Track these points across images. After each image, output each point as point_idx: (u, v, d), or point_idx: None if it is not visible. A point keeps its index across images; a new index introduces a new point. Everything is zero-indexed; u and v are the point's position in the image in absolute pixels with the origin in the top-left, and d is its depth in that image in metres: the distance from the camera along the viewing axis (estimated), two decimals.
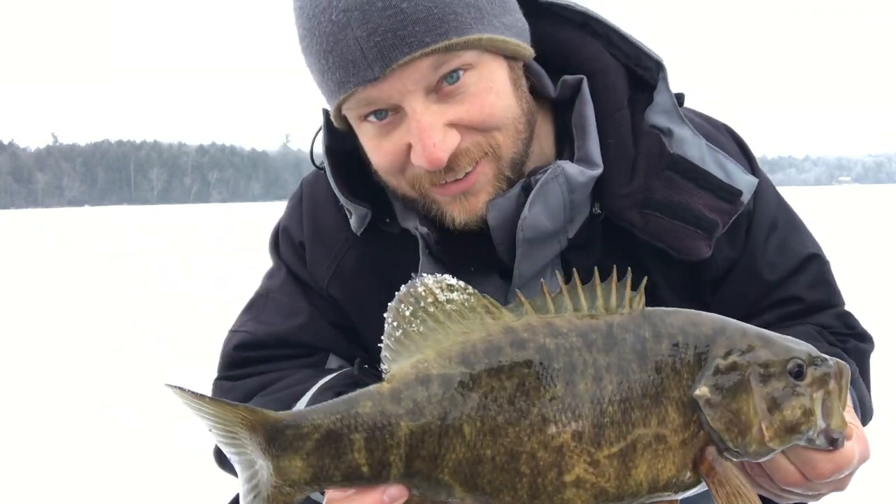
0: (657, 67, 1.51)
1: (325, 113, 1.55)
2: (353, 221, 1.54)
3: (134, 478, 4.41)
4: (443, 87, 1.31)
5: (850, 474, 1.18)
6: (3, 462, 4.74)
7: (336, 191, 1.53)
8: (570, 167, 1.41)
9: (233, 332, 1.66)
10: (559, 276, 1.24)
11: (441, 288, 1.09)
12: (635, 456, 1.06)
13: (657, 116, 1.48)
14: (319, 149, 1.61)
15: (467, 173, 1.37)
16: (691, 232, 1.43)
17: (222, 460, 1.54)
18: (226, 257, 17.88)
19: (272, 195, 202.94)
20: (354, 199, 1.50)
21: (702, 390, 1.08)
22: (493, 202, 1.40)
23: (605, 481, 1.06)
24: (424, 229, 1.45)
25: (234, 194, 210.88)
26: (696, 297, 1.48)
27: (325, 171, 1.61)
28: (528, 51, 1.43)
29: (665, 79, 1.50)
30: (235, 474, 1.60)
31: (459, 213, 1.40)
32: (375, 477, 1.07)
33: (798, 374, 1.11)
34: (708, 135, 1.53)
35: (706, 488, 1.11)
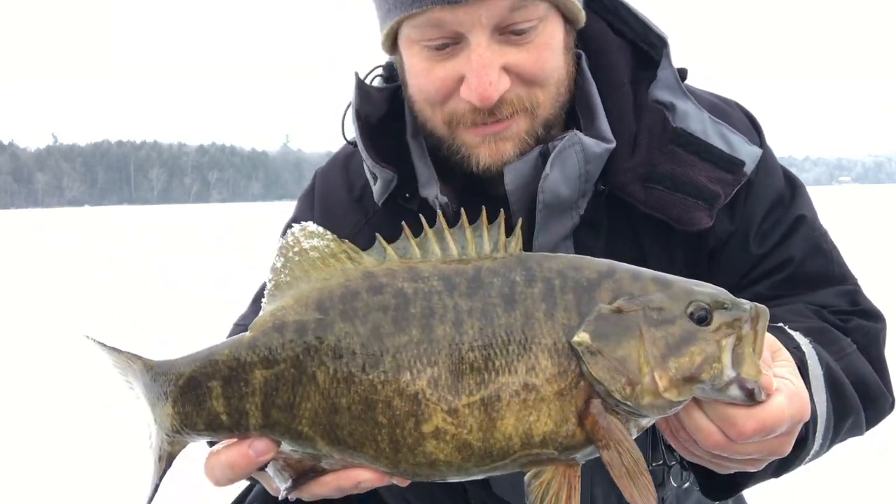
0: (661, 44, 1.52)
1: (357, 76, 1.56)
2: (377, 188, 1.54)
3: (134, 478, 4.40)
4: (509, 31, 1.34)
5: (788, 435, 1.09)
6: (3, 462, 4.74)
7: (363, 153, 1.53)
8: (586, 138, 1.42)
9: (236, 325, 1.68)
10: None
11: (305, 236, 1.07)
12: (500, 406, 0.99)
13: (661, 92, 1.50)
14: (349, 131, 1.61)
15: (501, 120, 1.39)
16: (692, 203, 1.43)
17: None
18: (226, 257, 17.86)
19: (272, 195, 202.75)
20: (381, 163, 1.50)
21: (580, 336, 0.99)
22: (510, 166, 1.41)
23: (468, 433, 1.00)
24: (444, 198, 1.46)
25: (234, 194, 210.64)
26: (696, 272, 1.45)
27: (353, 145, 1.62)
28: (584, 17, 1.47)
29: (668, 55, 1.52)
30: None
31: (486, 155, 1.41)
32: (235, 426, 1.06)
33: (701, 318, 1.00)
34: (713, 108, 1.54)
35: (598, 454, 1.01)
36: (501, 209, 1.08)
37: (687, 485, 1.58)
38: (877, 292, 1.57)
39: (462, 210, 1.07)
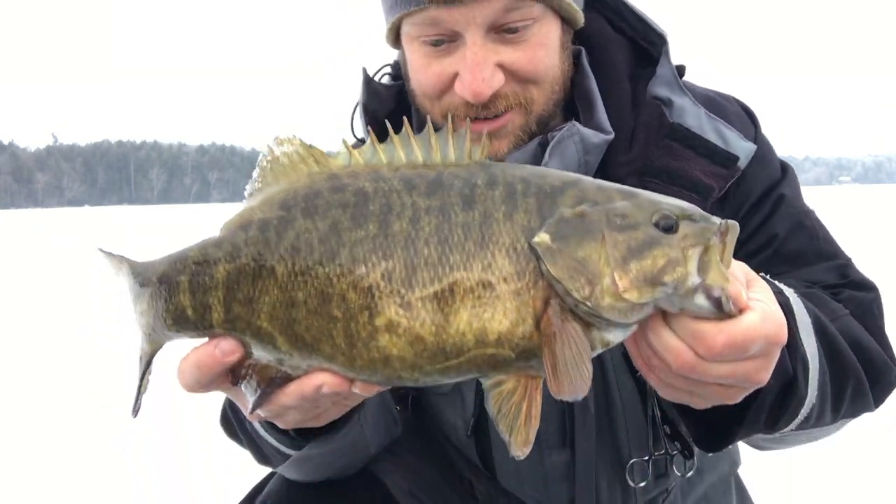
0: (661, 42, 1.57)
1: (365, 72, 1.61)
2: None
3: (134, 478, 4.40)
4: (503, 30, 1.38)
5: (761, 360, 1.05)
6: (3, 462, 4.74)
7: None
8: (585, 129, 1.46)
9: None
10: None
11: (277, 144, 1.10)
12: (454, 301, 0.99)
13: (659, 88, 1.54)
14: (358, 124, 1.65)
15: (497, 116, 1.43)
16: (686, 196, 1.45)
17: (230, 429, 1.56)
18: None
19: None
20: None
21: (541, 237, 0.99)
22: (510, 156, 1.45)
23: (420, 326, 1.00)
24: None
25: (234, 194, 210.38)
26: None
27: (361, 142, 1.65)
28: (582, 18, 1.50)
29: (667, 53, 1.56)
30: (240, 443, 1.62)
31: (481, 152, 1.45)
32: (199, 320, 1.09)
33: (668, 227, 1.00)
34: (710, 103, 1.58)
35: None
36: (468, 118, 1.11)
37: (691, 473, 1.59)
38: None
39: (428, 118, 1.09)
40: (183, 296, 1.09)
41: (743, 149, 1.52)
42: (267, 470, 1.65)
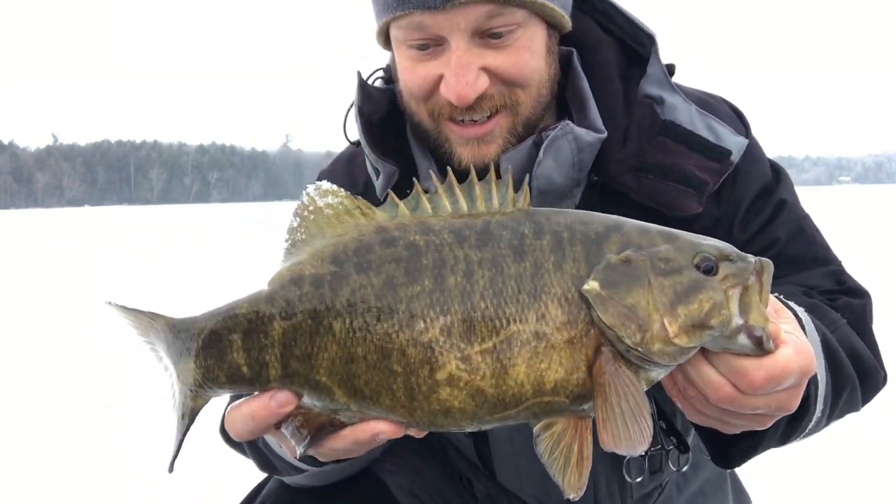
0: (650, 42, 1.59)
1: (359, 75, 1.63)
2: (379, 183, 1.59)
3: (134, 478, 4.40)
4: (487, 34, 1.40)
5: (795, 389, 1.10)
6: (3, 462, 4.74)
7: (366, 149, 1.58)
8: (578, 128, 1.48)
9: None
10: None
11: (319, 194, 1.10)
12: (511, 353, 1.02)
13: (650, 87, 1.56)
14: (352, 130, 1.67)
15: (485, 120, 1.45)
16: (682, 191, 1.49)
17: (229, 439, 1.57)
18: (226, 257, 17.87)
19: (272, 195, 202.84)
20: (383, 157, 1.56)
21: (590, 285, 1.02)
22: (505, 155, 1.47)
23: (481, 379, 1.02)
24: None
25: (234, 194, 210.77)
26: None
27: (355, 145, 1.69)
28: (568, 24, 1.52)
29: (657, 52, 1.59)
30: (243, 452, 1.63)
31: (468, 156, 1.47)
32: (256, 377, 1.08)
33: (708, 269, 1.03)
34: (700, 102, 1.60)
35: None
36: (509, 166, 1.13)
37: (686, 468, 1.62)
38: (876, 292, 1.59)
39: (472, 167, 1.11)
40: (237, 354, 1.08)
41: (735, 143, 1.54)
42: None
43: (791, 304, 1.34)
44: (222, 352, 1.08)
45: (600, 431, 1.01)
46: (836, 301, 1.49)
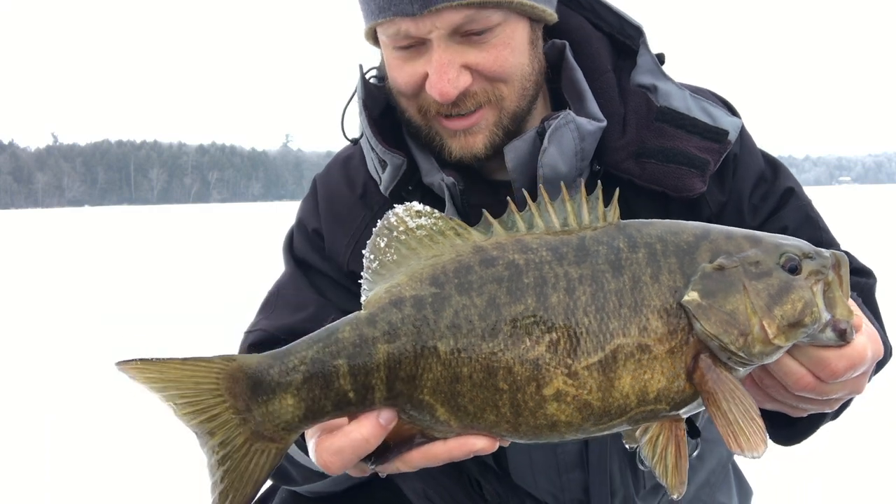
0: (637, 34, 1.63)
1: (361, 69, 1.66)
2: (385, 176, 1.60)
3: (134, 478, 4.41)
4: (469, 33, 1.44)
5: (865, 374, 1.16)
6: (3, 462, 4.74)
7: (372, 140, 1.61)
8: (579, 118, 1.52)
9: (247, 332, 1.70)
10: None
11: (410, 215, 1.10)
12: (616, 366, 1.04)
13: (642, 76, 1.61)
14: (347, 129, 1.72)
15: (470, 112, 1.49)
16: (686, 171, 1.53)
17: None
18: (226, 257, 17.87)
19: (272, 195, 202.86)
20: (390, 149, 1.58)
21: (690, 296, 1.05)
22: (508, 146, 1.51)
23: (588, 394, 1.04)
24: (450, 179, 1.55)
25: (234, 194, 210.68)
26: None
27: (353, 142, 1.73)
28: (552, 16, 1.56)
29: (645, 42, 1.63)
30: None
31: (457, 147, 1.53)
32: (361, 402, 1.07)
33: (793, 268, 1.07)
34: (691, 89, 1.65)
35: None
36: (599, 181, 1.14)
37: (695, 454, 1.64)
38: (877, 292, 1.63)
39: (562, 183, 1.14)
40: (343, 380, 1.06)
41: (731, 123, 1.59)
42: None
43: None
44: (329, 380, 1.05)
45: (727, 440, 1.03)
46: None
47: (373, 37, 1.58)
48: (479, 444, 1.08)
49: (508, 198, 1.14)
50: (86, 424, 5.40)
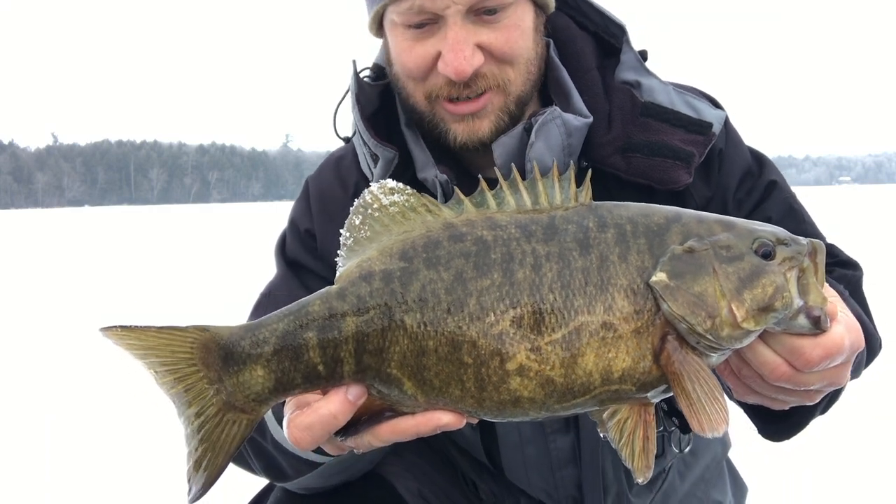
0: (621, 32, 1.66)
1: (354, 65, 1.67)
2: (377, 170, 1.62)
3: (134, 478, 4.41)
4: (482, 11, 1.47)
5: (845, 365, 1.14)
6: (3, 462, 4.74)
7: (365, 134, 1.62)
8: (565, 114, 1.54)
9: None
10: None
11: (384, 192, 1.11)
12: (580, 343, 1.04)
13: (626, 73, 1.64)
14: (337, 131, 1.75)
15: (478, 96, 1.51)
16: (671, 164, 1.55)
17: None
18: (226, 257, 17.87)
19: (272, 195, 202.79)
20: (382, 143, 1.59)
21: (658, 276, 1.05)
22: (496, 142, 1.52)
23: (550, 369, 1.04)
24: (444, 177, 1.56)
25: (234, 194, 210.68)
26: None
27: (346, 141, 1.75)
28: (552, 4, 1.60)
29: (628, 41, 1.66)
30: (237, 461, 1.61)
31: (462, 132, 1.54)
32: (330, 375, 1.08)
33: (766, 254, 1.07)
34: (675, 85, 1.68)
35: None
36: (571, 162, 1.15)
37: (688, 449, 1.64)
38: (877, 292, 1.63)
39: (534, 163, 1.14)
40: (313, 352, 1.07)
41: (714, 115, 1.60)
42: None
43: None
44: (298, 352, 1.07)
45: (690, 420, 1.03)
46: (833, 273, 1.55)
47: (377, 25, 1.59)
48: (445, 419, 1.08)
49: (480, 176, 1.15)
50: (86, 424, 5.40)
